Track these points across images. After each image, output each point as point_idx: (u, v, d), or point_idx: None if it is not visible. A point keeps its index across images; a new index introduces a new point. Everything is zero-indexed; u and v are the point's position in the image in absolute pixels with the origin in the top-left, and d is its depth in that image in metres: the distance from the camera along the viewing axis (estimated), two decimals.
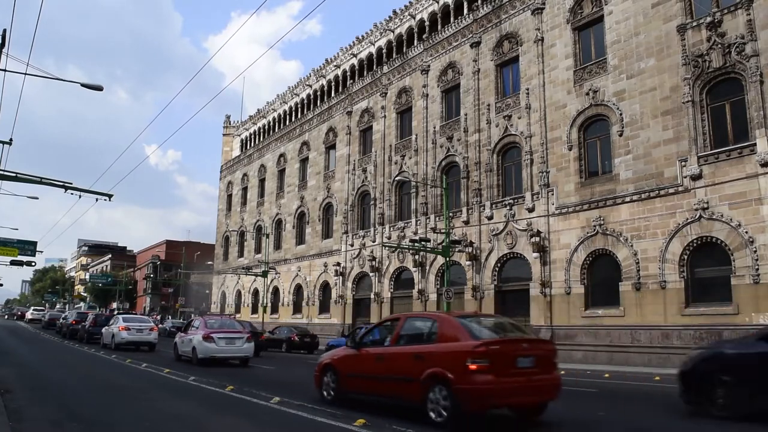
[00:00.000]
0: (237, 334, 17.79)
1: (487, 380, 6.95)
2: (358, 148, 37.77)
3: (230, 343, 17.30)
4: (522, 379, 7.28)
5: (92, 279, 78.60)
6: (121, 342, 22.14)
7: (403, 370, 7.82)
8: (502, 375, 7.05)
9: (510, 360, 7.27)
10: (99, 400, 9.26)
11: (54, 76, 16.11)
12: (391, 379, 8.03)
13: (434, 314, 10.00)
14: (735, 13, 19.63)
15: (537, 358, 7.58)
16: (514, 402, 7.56)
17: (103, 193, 20.62)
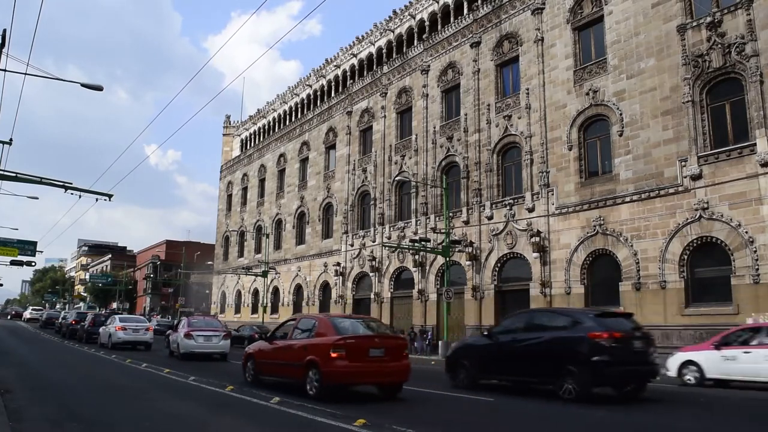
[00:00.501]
0: (215, 332, 19.52)
1: (343, 365, 9.47)
2: (358, 148, 37.77)
3: (208, 340, 19.34)
4: (373, 365, 9.82)
5: (92, 279, 78.67)
6: (118, 342, 22.61)
7: (294, 357, 10.40)
8: (355, 361, 9.56)
9: (363, 351, 9.75)
10: (99, 400, 9.26)
11: (54, 76, 16.12)
12: (287, 364, 10.69)
13: (317, 316, 12.51)
14: (735, 13, 19.63)
15: (387, 350, 10.03)
16: (366, 381, 10.21)
17: (103, 193, 20.63)
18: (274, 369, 11.24)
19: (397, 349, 10.26)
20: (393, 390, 10.25)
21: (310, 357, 9.80)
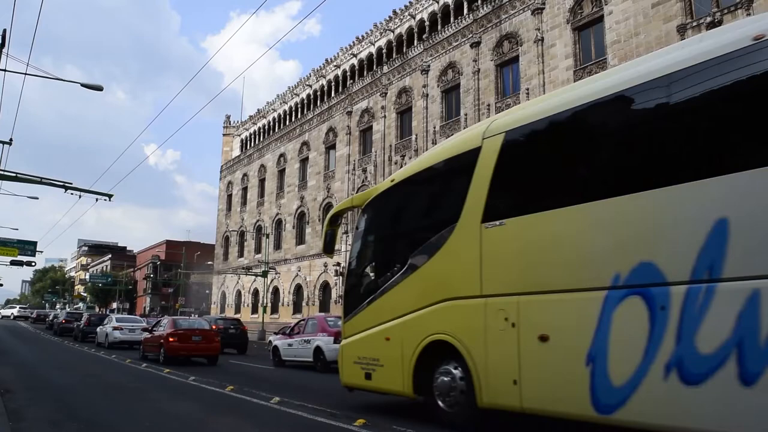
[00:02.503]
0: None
1: (175, 345, 16.62)
2: (358, 148, 37.77)
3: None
4: (195, 345, 16.93)
5: (92, 279, 78.68)
6: (115, 341, 22.98)
7: (155, 340, 17.68)
8: (183, 342, 16.72)
9: (188, 337, 16.88)
10: (99, 400, 9.25)
11: (54, 77, 16.13)
12: (154, 344, 17.80)
13: (170, 317, 20.32)
14: (735, 13, 19.64)
15: (204, 337, 17.10)
16: (192, 355, 16.99)
17: (103, 193, 20.65)
18: (150, 348, 18.17)
19: (210, 337, 17.31)
20: (211, 361, 17.10)
21: (161, 339, 17.00)
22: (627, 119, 5.62)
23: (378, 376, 7.73)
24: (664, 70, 5.20)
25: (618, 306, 5.12)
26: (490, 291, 6.33)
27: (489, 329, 6.25)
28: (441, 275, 6.98)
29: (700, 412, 4.55)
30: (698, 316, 4.60)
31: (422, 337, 7.00)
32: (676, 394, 4.65)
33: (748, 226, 4.41)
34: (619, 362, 5.06)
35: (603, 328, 5.20)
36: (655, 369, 4.77)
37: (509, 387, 5.95)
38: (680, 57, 5.22)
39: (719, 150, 4.86)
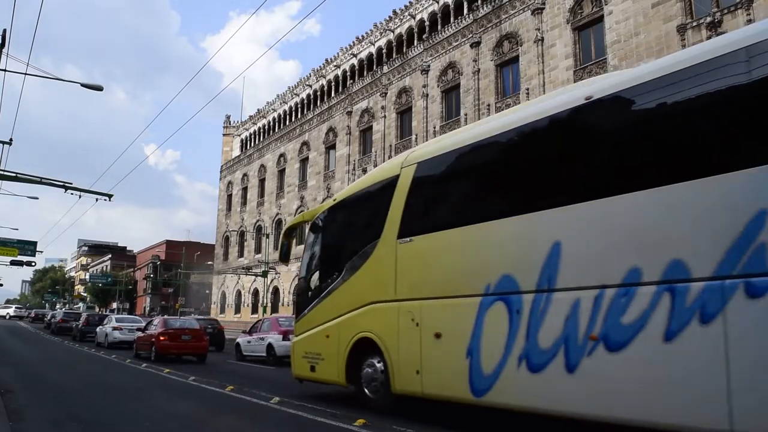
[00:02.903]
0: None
1: (166, 344, 17.26)
2: (358, 148, 37.77)
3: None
4: (184, 344, 17.58)
5: (92, 279, 78.70)
6: (114, 341, 23.17)
7: (147, 339, 18.34)
8: (173, 341, 17.37)
9: (177, 336, 17.54)
10: (99, 400, 9.26)
11: (54, 77, 16.13)
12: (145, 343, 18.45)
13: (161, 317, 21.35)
14: (735, 13, 19.64)
15: (193, 336, 17.77)
16: (182, 353, 17.71)
17: (103, 193, 20.66)
18: (142, 347, 18.76)
19: (199, 335, 18.01)
20: (199, 359, 17.81)
21: (153, 338, 17.68)
22: (486, 163, 7.09)
23: (320, 368, 9.00)
24: (513, 123, 6.70)
25: (488, 310, 6.38)
26: (402, 296, 7.60)
27: (401, 328, 7.52)
28: (367, 283, 8.23)
29: (540, 394, 5.79)
30: (540, 318, 5.84)
31: (352, 335, 8.27)
32: (525, 380, 5.90)
33: (574, 247, 5.67)
34: (488, 355, 6.31)
35: (478, 327, 6.46)
36: (512, 360, 6.04)
37: (414, 376, 7.23)
38: (526, 113, 6.74)
39: (553, 188, 6.17)
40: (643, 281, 5.09)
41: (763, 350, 4.36)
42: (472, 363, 6.45)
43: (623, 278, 5.23)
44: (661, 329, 4.90)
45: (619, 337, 5.18)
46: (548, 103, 6.58)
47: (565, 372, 5.53)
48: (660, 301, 4.95)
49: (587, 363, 5.38)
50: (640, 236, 5.23)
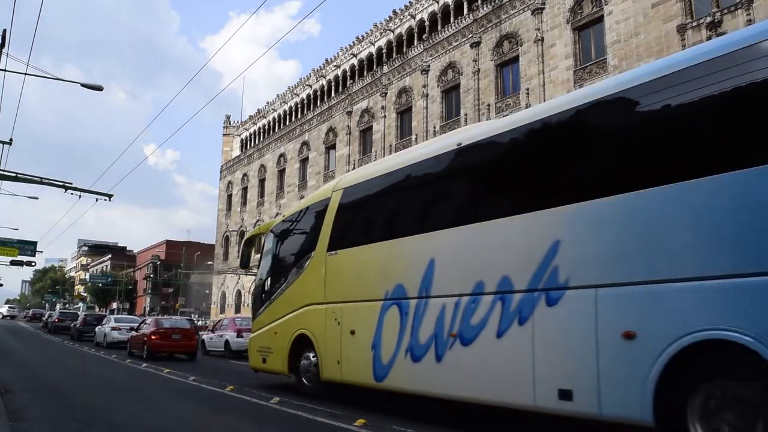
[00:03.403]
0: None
1: (157, 342, 17.90)
2: (358, 148, 37.77)
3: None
4: (174, 343, 18.25)
5: (92, 279, 78.71)
6: (113, 341, 23.40)
7: (139, 338, 18.97)
8: (164, 340, 18.03)
9: (168, 335, 18.19)
10: (99, 400, 9.25)
11: (54, 77, 16.15)
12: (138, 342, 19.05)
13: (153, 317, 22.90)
14: (735, 13, 19.65)
15: (183, 335, 18.49)
16: (172, 351, 18.34)
17: (104, 194, 20.68)
18: (135, 345, 19.31)
19: (189, 334, 18.89)
20: (189, 356, 18.66)
21: (145, 337, 18.33)
22: (385, 193, 8.60)
23: (270, 360, 10.53)
24: (405, 162, 8.43)
25: (387, 312, 7.81)
26: (329, 300, 9.08)
27: (327, 327, 8.98)
28: (305, 288, 9.71)
29: (420, 380, 7.23)
30: (420, 319, 7.26)
31: (293, 332, 9.74)
32: (410, 368, 7.32)
33: (443, 264, 7.13)
34: (386, 348, 7.73)
35: (379, 325, 7.88)
36: (401, 352, 7.47)
37: (336, 366, 8.74)
38: (412, 155, 8.67)
39: (429, 217, 7.74)
40: (485, 291, 6.49)
41: (557, 343, 5.73)
42: (375, 355, 7.93)
43: (472, 289, 6.62)
44: (495, 328, 6.29)
45: (469, 334, 6.57)
46: (430, 147, 8.52)
47: (435, 362, 6.95)
48: (495, 307, 6.33)
49: (449, 355, 6.78)
50: (482, 257, 6.68)
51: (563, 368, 5.64)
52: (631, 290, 5.19)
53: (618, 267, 5.35)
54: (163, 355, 17.98)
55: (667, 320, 4.88)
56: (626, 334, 5.11)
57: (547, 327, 5.81)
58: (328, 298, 9.08)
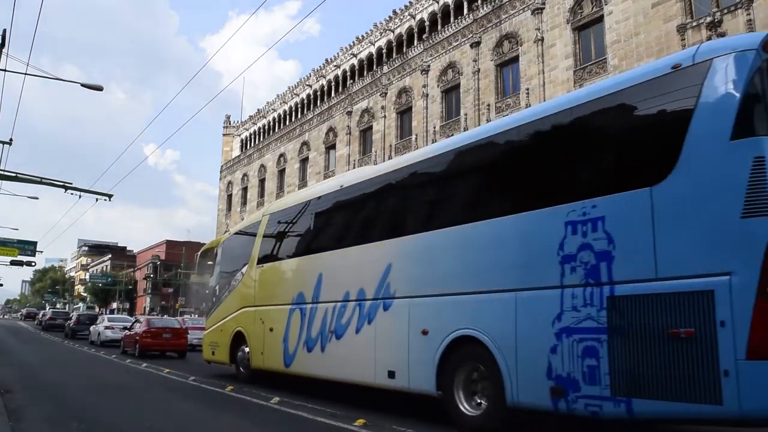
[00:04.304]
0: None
1: (148, 341, 18.72)
2: (358, 148, 37.78)
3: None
4: (165, 341, 19.11)
5: (92, 279, 78.63)
6: (106, 339, 24.38)
7: (132, 337, 19.83)
8: (155, 339, 18.85)
9: (159, 334, 19.06)
10: (99, 400, 9.25)
11: (54, 76, 16.13)
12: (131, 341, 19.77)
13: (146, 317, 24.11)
14: (735, 13, 19.65)
15: (173, 334, 19.35)
16: (163, 350, 19.11)
17: (104, 193, 20.67)
18: (128, 344, 20.14)
19: (180, 334, 19.67)
20: (180, 354, 19.33)
21: (137, 336, 19.17)
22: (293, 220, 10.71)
23: (217, 353, 12.67)
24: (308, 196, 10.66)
25: (292, 313, 9.86)
26: (258, 303, 11.19)
27: (255, 325, 11.07)
28: (241, 294, 11.89)
29: (312, 365, 9.29)
30: (312, 319, 9.30)
31: (232, 329, 11.88)
32: (305, 357, 9.35)
33: (327, 277, 9.17)
34: (292, 341, 9.78)
35: (288, 324, 9.91)
36: (301, 344, 9.50)
37: (260, 356, 10.84)
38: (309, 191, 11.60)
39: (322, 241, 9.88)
40: (350, 299, 8.50)
41: (388, 337, 7.72)
42: (284, 347, 9.97)
43: (343, 297, 8.66)
44: (355, 326, 8.32)
45: (340, 330, 8.61)
46: (324, 185, 10.99)
47: (321, 352, 8.97)
48: (355, 311, 8.36)
49: (329, 346, 8.81)
50: (349, 274, 8.71)
51: (390, 355, 7.63)
52: (427, 300, 7.24)
53: (420, 284, 7.40)
54: (155, 353, 18.74)
55: (444, 322, 6.88)
56: (423, 331, 7.12)
57: (383, 326, 7.86)
58: (257, 303, 11.21)
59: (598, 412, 5.25)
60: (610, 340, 5.19)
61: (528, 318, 5.92)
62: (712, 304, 4.60)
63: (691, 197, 4.88)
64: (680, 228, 4.93)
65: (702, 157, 4.87)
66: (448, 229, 7.10)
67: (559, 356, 5.56)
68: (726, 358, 4.46)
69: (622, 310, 5.16)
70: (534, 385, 5.74)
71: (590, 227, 5.51)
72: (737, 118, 4.73)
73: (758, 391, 4.36)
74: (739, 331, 4.44)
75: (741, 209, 4.58)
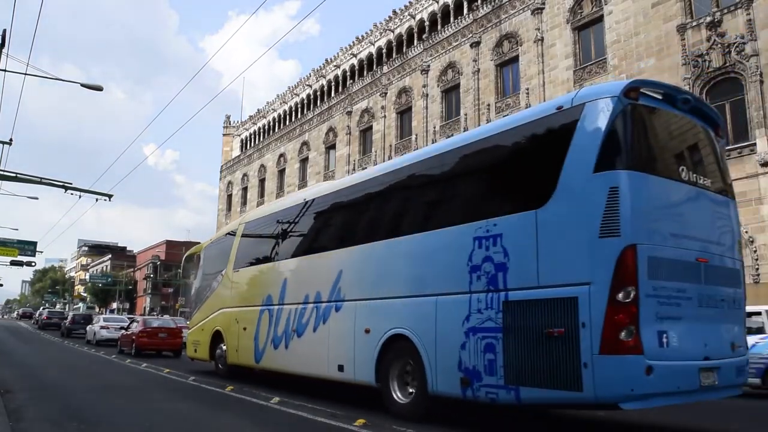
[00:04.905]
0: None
1: (145, 341, 19.31)
2: (358, 148, 37.77)
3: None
4: (161, 341, 19.64)
5: (92, 279, 78.65)
6: (101, 339, 25.13)
7: (128, 337, 20.28)
8: (151, 339, 19.46)
9: (155, 334, 19.65)
10: (99, 400, 9.25)
11: (54, 76, 16.13)
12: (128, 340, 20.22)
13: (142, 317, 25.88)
14: (735, 13, 19.65)
15: (169, 334, 19.82)
16: (159, 349, 19.64)
17: (103, 194, 20.67)
18: (125, 343, 20.60)
19: (175, 333, 19.98)
20: (174, 353, 19.49)
21: (133, 336, 19.66)
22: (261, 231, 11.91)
23: (199, 350, 13.80)
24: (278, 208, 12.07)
25: (262, 314, 10.84)
26: (234, 305, 12.23)
27: (231, 325, 12.12)
28: (219, 296, 12.97)
29: (278, 361, 10.30)
30: (278, 319, 10.27)
31: (212, 328, 12.95)
32: (273, 353, 10.35)
33: (290, 282, 10.25)
34: (261, 339, 10.76)
35: (258, 324, 10.89)
36: (269, 342, 10.48)
37: (235, 353, 11.87)
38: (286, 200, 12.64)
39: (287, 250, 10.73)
40: (309, 302, 9.46)
41: (338, 335, 8.62)
42: (255, 344, 10.96)
43: (303, 300, 9.63)
44: (312, 326, 9.26)
45: (301, 329, 9.56)
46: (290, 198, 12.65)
47: (285, 349, 9.96)
48: (313, 312, 9.29)
49: (292, 343, 9.77)
50: (308, 279, 9.71)
51: (340, 351, 8.52)
52: (369, 303, 8.18)
53: (364, 288, 8.36)
54: (151, 352, 19.39)
55: (382, 322, 7.78)
56: (366, 330, 8.03)
57: (334, 325, 8.78)
58: (233, 304, 12.25)
59: (495, 398, 6.14)
60: (504, 337, 6.08)
61: (445, 319, 6.84)
62: (576, 308, 5.42)
63: (564, 219, 5.74)
64: (555, 244, 5.79)
65: (573, 186, 5.74)
66: (385, 241, 8.17)
67: (467, 351, 6.47)
68: (585, 353, 5.29)
69: (514, 313, 6.06)
70: (448, 376, 6.66)
71: (491, 242, 6.42)
72: (599, 154, 5.57)
73: (608, 380, 5.21)
74: (595, 331, 5.26)
75: (599, 230, 5.42)
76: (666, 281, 5.56)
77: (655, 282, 5.45)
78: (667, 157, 6.35)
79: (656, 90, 6.13)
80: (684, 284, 5.72)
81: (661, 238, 5.67)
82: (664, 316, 5.49)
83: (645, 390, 5.25)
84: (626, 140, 5.70)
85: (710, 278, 6.02)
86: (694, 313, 5.80)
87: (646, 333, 5.29)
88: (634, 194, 5.45)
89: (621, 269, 5.28)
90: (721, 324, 6.20)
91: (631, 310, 5.25)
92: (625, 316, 5.24)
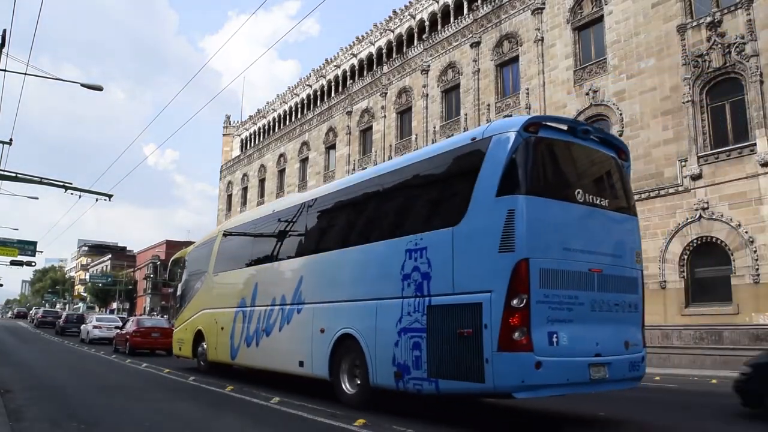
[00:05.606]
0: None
1: (138, 340, 20.02)
2: (358, 148, 37.76)
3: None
4: (154, 340, 20.15)
5: (92, 279, 78.66)
6: (94, 338, 26.21)
7: (123, 336, 20.84)
8: (144, 338, 20.12)
9: (148, 333, 20.27)
10: (99, 400, 9.25)
11: (54, 76, 16.14)
12: (123, 340, 20.69)
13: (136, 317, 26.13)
14: (735, 13, 19.64)
15: (161, 334, 19.85)
16: (152, 348, 20.10)
17: (103, 193, 20.68)
18: (120, 342, 21.25)
19: (167, 333, 18.93)
20: (168, 352, 18.37)
21: (128, 336, 20.24)
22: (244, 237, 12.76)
23: (183, 348, 14.83)
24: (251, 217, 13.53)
25: (237, 315, 11.82)
26: (213, 306, 13.25)
27: (211, 325, 13.09)
28: (201, 298, 14.03)
29: (250, 358, 11.26)
30: (250, 320, 11.25)
31: (194, 328, 13.94)
32: (246, 350, 11.30)
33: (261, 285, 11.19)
34: (236, 338, 11.69)
35: (234, 324, 11.85)
36: (242, 341, 11.42)
37: (214, 351, 12.87)
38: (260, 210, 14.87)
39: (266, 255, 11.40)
40: (275, 304, 10.44)
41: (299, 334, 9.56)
42: (231, 342, 11.93)
43: (270, 302, 10.61)
44: (278, 326, 10.26)
45: (269, 329, 10.52)
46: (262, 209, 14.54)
47: (256, 346, 10.90)
48: (279, 314, 10.29)
49: (261, 342, 10.74)
50: (275, 284, 10.72)
51: (301, 349, 9.43)
52: (324, 306, 9.15)
53: (320, 293, 9.33)
54: (144, 351, 20.08)
55: (334, 322, 8.71)
56: (321, 329, 8.96)
57: (296, 325, 9.74)
58: (213, 305, 13.22)
59: (420, 389, 7.05)
60: (428, 337, 7.00)
61: (383, 320, 7.73)
62: (481, 312, 6.28)
63: (473, 236, 6.66)
64: (467, 257, 6.70)
65: (480, 207, 6.65)
66: (336, 251, 9.24)
67: (399, 349, 7.38)
68: (487, 350, 6.14)
69: (435, 315, 6.96)
70: (385, 370, 7.59)
71: (419, 254, 7.35)
72: (500, 180, 6.46)
73: (504, 373, 6.06)
74: (494, 332, 6.11)
75: (498, 246, 6.30)
76: (558, 290, 6.36)
77: (547, 290, 6.25)
78: (564, 182, 7.14)
79: (558, 123, 7.22)
80: (577, 292, 6.54)
81: (554, 253, 6.46)
82: (555, 319, 6.27)
83: (534, 381, 6.04)
84: (525, 169, 6.50)
85: (604, 286, 6.83)
86: (587, 316, 6.58)
87: (537, 333, 6.09)
88: (529, 215, 6.28)
89: (515, 279, 6.11)
90: (615, 325, 6.94)
91: (524, 314, 6.06)
92: (518, 319, 6.06)
